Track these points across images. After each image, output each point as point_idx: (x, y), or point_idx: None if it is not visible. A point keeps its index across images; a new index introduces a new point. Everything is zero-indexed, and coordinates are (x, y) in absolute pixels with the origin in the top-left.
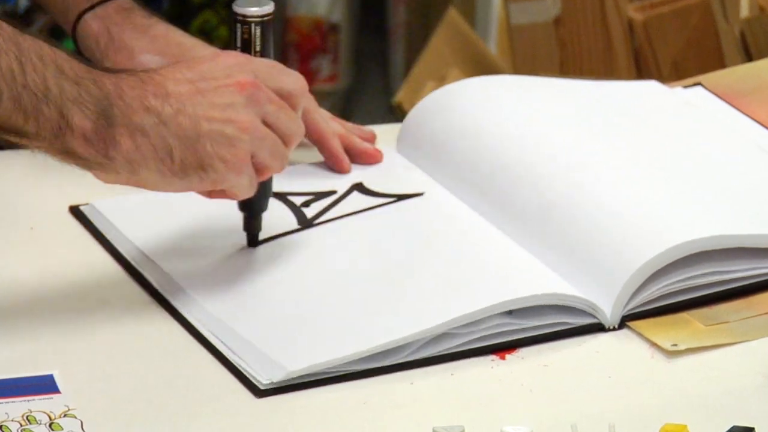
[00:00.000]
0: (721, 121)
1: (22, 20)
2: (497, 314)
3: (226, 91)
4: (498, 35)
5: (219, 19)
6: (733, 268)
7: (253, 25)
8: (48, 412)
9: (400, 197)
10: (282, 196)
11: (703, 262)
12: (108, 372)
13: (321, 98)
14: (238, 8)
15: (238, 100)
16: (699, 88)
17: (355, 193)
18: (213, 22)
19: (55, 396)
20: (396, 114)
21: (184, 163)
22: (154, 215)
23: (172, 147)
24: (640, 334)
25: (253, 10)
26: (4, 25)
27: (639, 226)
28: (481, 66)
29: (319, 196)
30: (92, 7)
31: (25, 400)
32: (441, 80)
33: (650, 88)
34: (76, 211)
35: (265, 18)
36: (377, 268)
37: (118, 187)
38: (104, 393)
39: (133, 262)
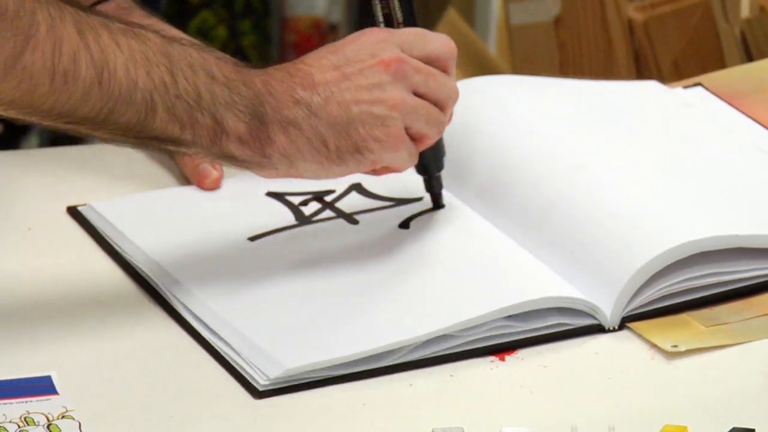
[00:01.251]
0: (721, 122)
1: None
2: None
3: (371, 72)
4: (497, 35)
5: (217, 19)
6: (733, 269)
7: None
8: (46, 413)
9: (400, 201)
10: (279, 196)
11: (703, 262)
12: (106, 373)
13: None
14: None
15: (384, 78)
16: (699, 89)
17: (354, 194)
18: (211, 21)
19: (53, 397)
20: None
21: (340, 150)
22: (152, 215)
23: (326, 135)
24: (640, 335)
25: None
26: (152, 37)
27: (639, 226)
28: (481, 66)
29: (317, 195)
30: (91, 7)
31: (22, 402)
32: None
33: (650, 88)
34: (73, 212)
35: None
36: (377, 268)
37: (116, 187)
38: (102, 394)
39: (131, 262)
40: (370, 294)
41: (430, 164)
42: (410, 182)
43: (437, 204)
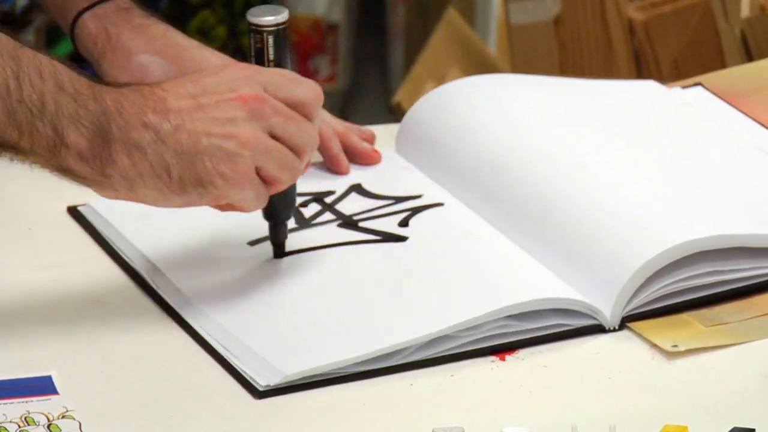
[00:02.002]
0: (720, 121)
1: (19, 20)
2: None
3: (227, 106)
4: (497, 35)
5: (217, 19)
6: (733, 268)
7: (265, 34)
8: (46, 413)
9: (399, 199)
10: None
11: (702, 262)
12: (106, 373)
13: None
14: (252, 17)
15: (240, 114)
16: (699, 88)
17: (354, 194)
18: (211, 21)
19: (53, 397)
20: (395, 114)
21: (183, 180)
22: (151, 215)
23: (170, 164)
24: (640, 335)
25: (266, 20)
26: (4, 38)
27: (638, 226)
28: (481, 66)
29: (317, 196)
30: (90, 7)
31: (23, 402)
32: (440, 80)
33: (648, 87)
34: (74, 212)
35: (279, 27)
36: (376, 271)
37: None
38: (102, 394)
39: (131, 263)
40: (369, 297)
41: (278, 211)
42: (407, 181)
43: (279, 254)
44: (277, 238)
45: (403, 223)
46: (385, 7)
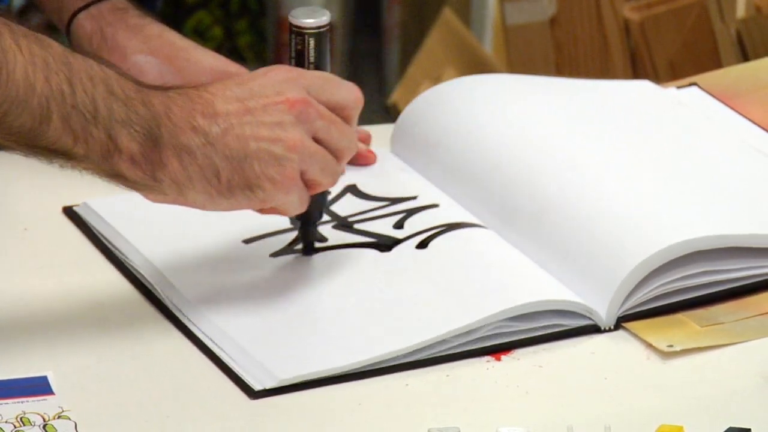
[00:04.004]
0: (715, 121)
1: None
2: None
3: (275, 109)
4: (493, 35)
5: (213, 19)
6: (728, 268)
7: (307, 36)
8: (42, 413)
9: (394, 201)
10: None
11: (697, 262)
12: (102, 373)
13: None
14: (293, 19)
15: (287, 118)
16: (694, 88)
17: (349, 195)
18: (207, 22)
19: (49, 397)
20: (391, 114)
21: (231, 184)
22: (148, 214)
23: (219, 167)
24: (635, 335)
25: (308, 22)
26: (54, 44)
27: (633, 226)
28: (477, 66)
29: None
30: (86, 7)
31: (18, 402)
32: (436, 80)
33: (643, 87)
34: (69, 212)
35: (321, 29)
36: (370, 275)
37: (112, 186)
38: (98, 395)
39: (127, 262)
40: (364, 300)
41: (312, 211)
42: (403, 182)
43: (309, 251)
44: (307, 237)
45: (398, 225)
46: (380, 7)
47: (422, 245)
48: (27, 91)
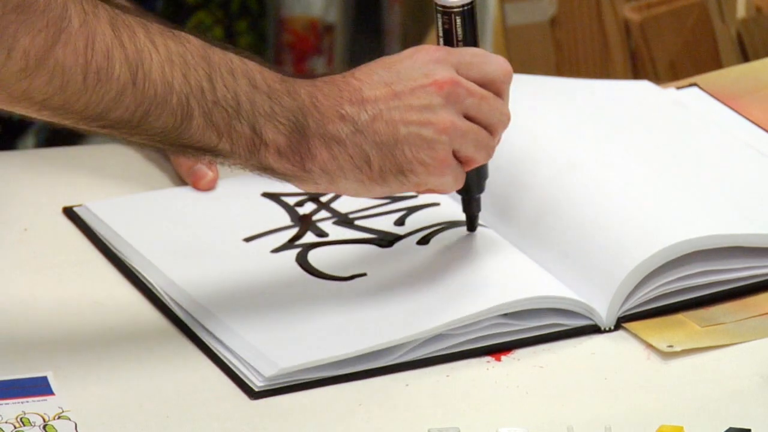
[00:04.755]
0: (714, 121)
1: None
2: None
3: (423, 92)
4: (493, 36)
5: (213, 20)
6: (728, 268)
7: (453, 14)
8: (42, 413)
9: (395, 198)
10: (275, 197)
11: (697, 262)
12: (102, 374)
13: None
14: None
15: (436, 100)
16: (694, 89)
17: None
18: (207, 22)
19: (49, 398)
20: None
21: (383, 170)
22: (147, 215)
23: (370, 155)
24: (635, 336)
25: (454, 1)
26: (193, 39)
27: (634, 226)
28: None
29: (313, 195)
30: None
31: (18, 402)
32: None
33: (642, 88)
34: (69, 212)
35: (466, 7)
36: (371, 268)
37: (111, 188)
38: (98, 395)
39: (127, 263)
40: (364, 293)
41: (472, 185)
42: None
43: (472, 226)
44: (470, 210)
45: (400, 222)
46: (381, 8)
47: (423, 241)
48: (165, 89)
